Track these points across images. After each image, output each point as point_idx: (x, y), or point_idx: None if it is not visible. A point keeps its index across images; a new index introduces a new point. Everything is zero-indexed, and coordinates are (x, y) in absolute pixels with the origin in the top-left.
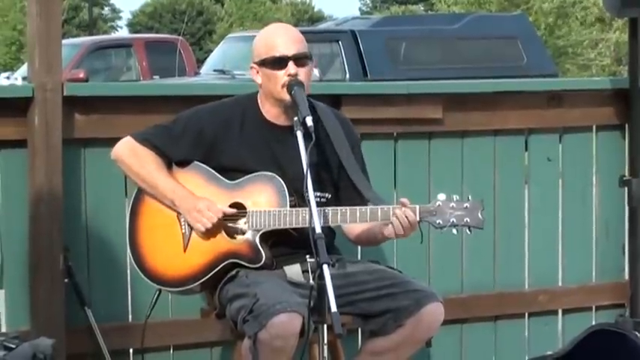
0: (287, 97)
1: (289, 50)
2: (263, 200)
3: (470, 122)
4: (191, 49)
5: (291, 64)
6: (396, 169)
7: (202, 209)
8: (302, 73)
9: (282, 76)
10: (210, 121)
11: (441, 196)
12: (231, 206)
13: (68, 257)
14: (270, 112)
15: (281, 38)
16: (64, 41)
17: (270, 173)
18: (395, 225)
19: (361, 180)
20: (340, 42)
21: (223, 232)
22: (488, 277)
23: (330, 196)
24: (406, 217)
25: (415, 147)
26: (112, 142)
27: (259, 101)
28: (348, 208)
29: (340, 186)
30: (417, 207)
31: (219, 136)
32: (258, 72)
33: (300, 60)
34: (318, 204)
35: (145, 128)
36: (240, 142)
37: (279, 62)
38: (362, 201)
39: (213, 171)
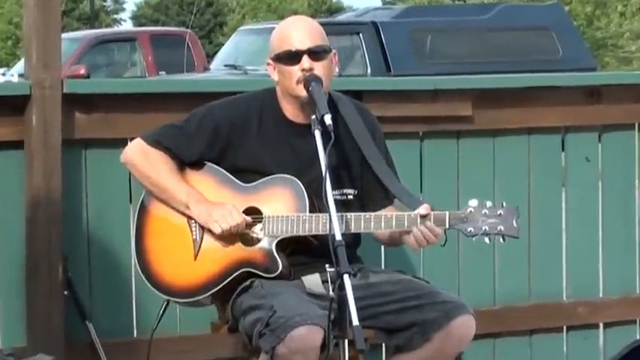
0: (303, 93)
1: (303, 44)
2: (280, 205)
3: (502, 120)
4: (200, 42)
5: (305, 58)
6: (422, 172)
7: (224, 209)
8: (319, 68)
9: (296, 71)
10: (225, 118)
11: (473, 202)
12: (246, 211)
13: (68, 267)
14: (289, 110)
15: (296, 32)
16: (63, 35)
17: (288, 176)
18: (417, 239)
19: (386, 172)
20: (361, 34)
21: (237, 239)
22: (522, 287)
23: (355, 192)
24: (434, 235)
25: (442, 147)
26: (114, 142)
27: (279, 98)
28: (372, 214)
29: (364, 181)
30: (447, 213)
31: (236, 134)
32: (274, 68)
33: (316, 54)
34: (342, 202)
35: (155, 128)
36: (257, 141)
37: (293, 57)
38: (387, 195)
39: (226, 172)
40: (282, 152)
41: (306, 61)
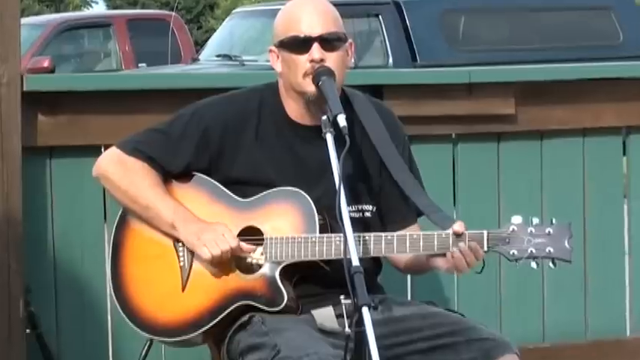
0: (310, 88)
1: (313, 29)
2: (285, 224)
3: (551, 119)
4: (187, 28)
5: (316, 47)
6: (455, 182)
7: (215, 231)
8: (331, 59)
9: (303, 61)
10: (217, 119)
11: (516, 219)
12: (243, 231)
13: (30, 300)
14: (293, 109)
15: (306, 14)
16: (23, 20)
17: (294, 189)
18: (456, 261)
19: (411, 184)
20: (380, 16)
21: (234, 266)
22: (577, 320)
23: (373, 208)
24: (475, 255)
25: (480, 152)
26: (85, 150)
27: (281, 95)
28: (394, 234)
29: (385, 194)
30: (485, 233)
31: (229, 139)
32: (278, 57)
33: (329, 42)
34: (358, 220)
35: (133, 134)
36: (255, 147)
37: (301, 44)
38: (412, 212)
39: (219, 185)
40: (285, 160)
41: (316, 51)
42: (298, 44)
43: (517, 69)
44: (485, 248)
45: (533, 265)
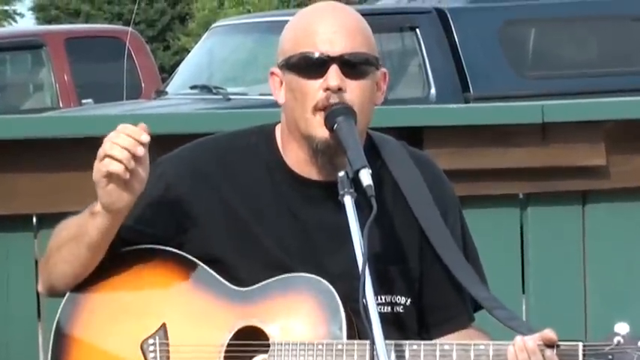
0: (320, 132)
1: (333, 45)
2: (298, 325)
3: None
4: (149, 48)
5: (333, 70)
6: (524, 259)
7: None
8: (353, 90)
9: (315, 90)
10: (183, 174)
11: (622, 328)
12: (241, 332)
13: None
14: (297, 159)
15: (324, 25)
16: None
17: (311, 276)
18: None
19: (465, 271)
20: (419, 30)
21: None
22: None
23: (407, 301)
24: None
25: (558, 218)
26: (8, 221)
27: (279, 139)
28: (454, 343)
29: (427, 282)
30: (580, 346)
31: (202, 201)
32: (281, 83)
33: (352, 66)
34: (388, 317)
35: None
36: (241, 212)
37: (314, 66)
38: (465, 309)
39: (201, 264)
40: (283, 229)
41: (333, 76)
42: (310, 65)
43: (608, 102)
44: None
45: None
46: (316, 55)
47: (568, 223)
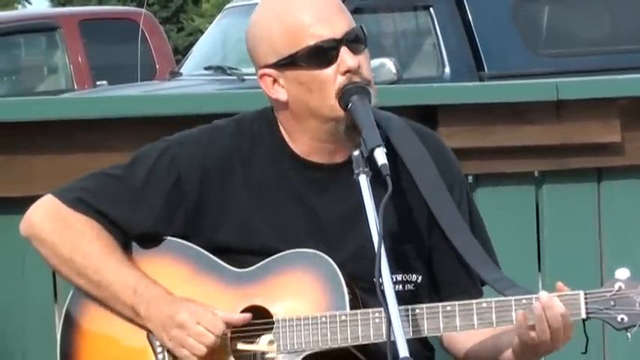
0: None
1: (334, 28)
2: (300, 299)
3: None
4: (163, 30)
5: (345, 52)
6: (539, 237)
7: (188, 322)
8: (364, 65)
9: (333, 76)
10: (193, 163)
11: (622, 273)
12: (244, 312)
13: None
14: (303, 142)
15: (312, 12)
16: None
17: (309, 250)
18: (538, 329)
19: (472, 248)
20: (433, 9)
21: None
22: None
23: (418, 278)
24: (559, 314)
25: (573, 195)
26: (21, 204)
27: (282, 126)
28: (456, 303)
29: (437, 259)
30: (581, 293)
31: (211, 190)
32: (275, 81)
33: (356, 42)
34: (401, 294)
35: (78, 179)
36: (248, 200)
37: (324, 53)
38: (476, 282)
39: (203, 251)
40: (291, 215)
41: (350, 57)
42: (320, 54)
43: (623, 79)
44: (584, 315)
45: None
46: (324, 42)
47: (583, 201)
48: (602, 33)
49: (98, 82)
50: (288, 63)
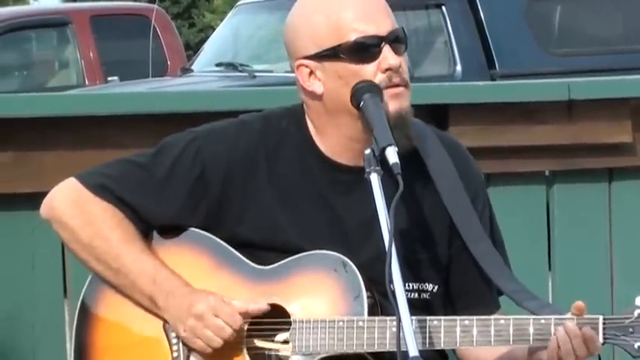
0: (390, 107)
1: (379, 25)
2: (319, 301)
3: None
4: (175, 26)
5: (387, 50)
6: (550, 237)
7: (206, 314)
8: (403, 66)
9: (373, 73)
10: (219, 157)
11: None
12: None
13: None
14: (337, 144)
15: (357, 7)
16: None
17: (330, 253)
18: (563, 352)
19: (492, 258)
20: (444, 7)
21: (247, 358)
22: None
23: (434, 288)
24: (584, 340)
25: (584, 195)
26: (33, 199)
27: (310, 125)
28: (474, 318)
29: (455, 270)
30: (601, 318)
31: (235, 185)
32: (312, 73)
33: (399, 42)
34: (416, 302)
35: (101, 165)
36: (272, 198)
37: (367, 48)
38: (494, 296)
39: (224, 244)
40: (314, 215)
41: (392, 56)
42: (363, 49)
43: (635, 79)
44: (601, 339)
45: None
46: (368, 38)
47: (594, 200)
48: (614, 32)
49: (109, 78)
50: (329, 55)
